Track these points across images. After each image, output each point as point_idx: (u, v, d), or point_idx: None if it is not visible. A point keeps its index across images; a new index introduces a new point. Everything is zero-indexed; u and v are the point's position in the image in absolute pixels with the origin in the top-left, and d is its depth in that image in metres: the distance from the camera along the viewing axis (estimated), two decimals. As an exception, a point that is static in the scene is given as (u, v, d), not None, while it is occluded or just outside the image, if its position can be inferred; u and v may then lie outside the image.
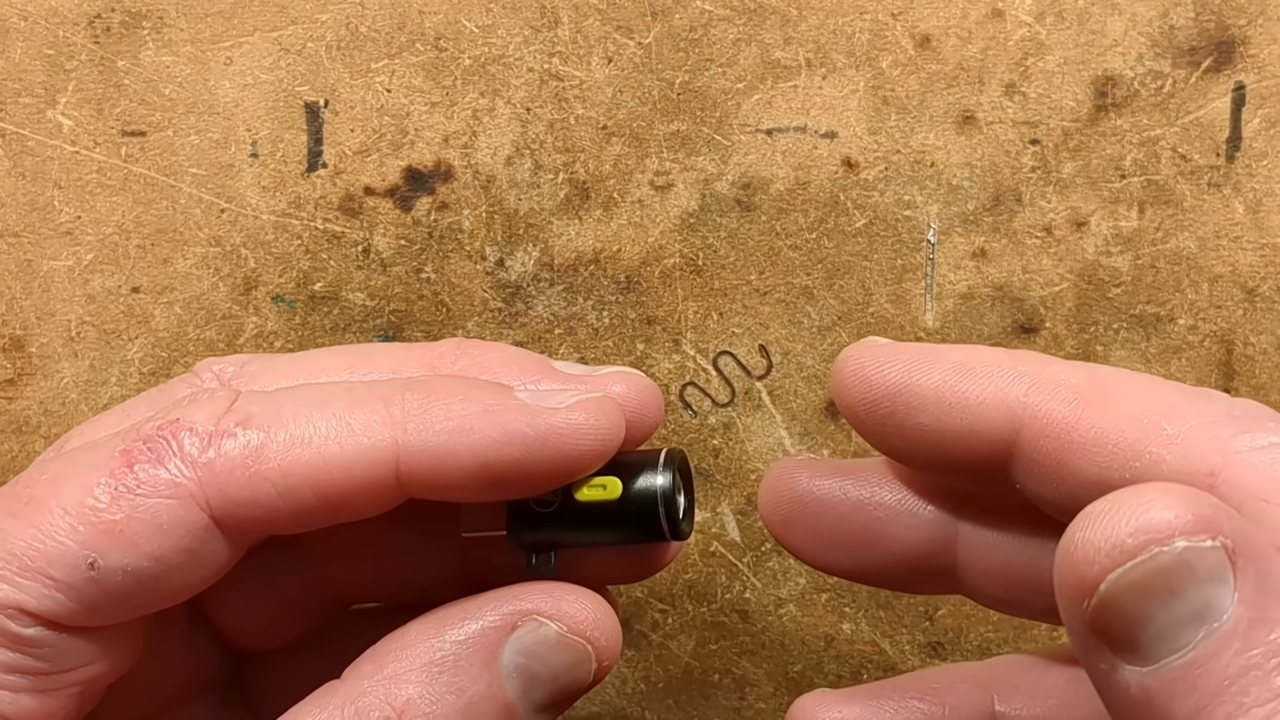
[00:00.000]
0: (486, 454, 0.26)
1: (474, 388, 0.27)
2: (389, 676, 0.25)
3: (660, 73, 0.36)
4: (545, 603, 0.26)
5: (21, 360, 0.36)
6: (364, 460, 0.26)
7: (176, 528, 0.25)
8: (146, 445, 0.26)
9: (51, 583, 0.25)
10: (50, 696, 0.26)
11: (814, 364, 0.36)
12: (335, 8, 0.36)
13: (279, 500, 0.25)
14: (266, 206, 0.36)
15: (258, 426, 0.26)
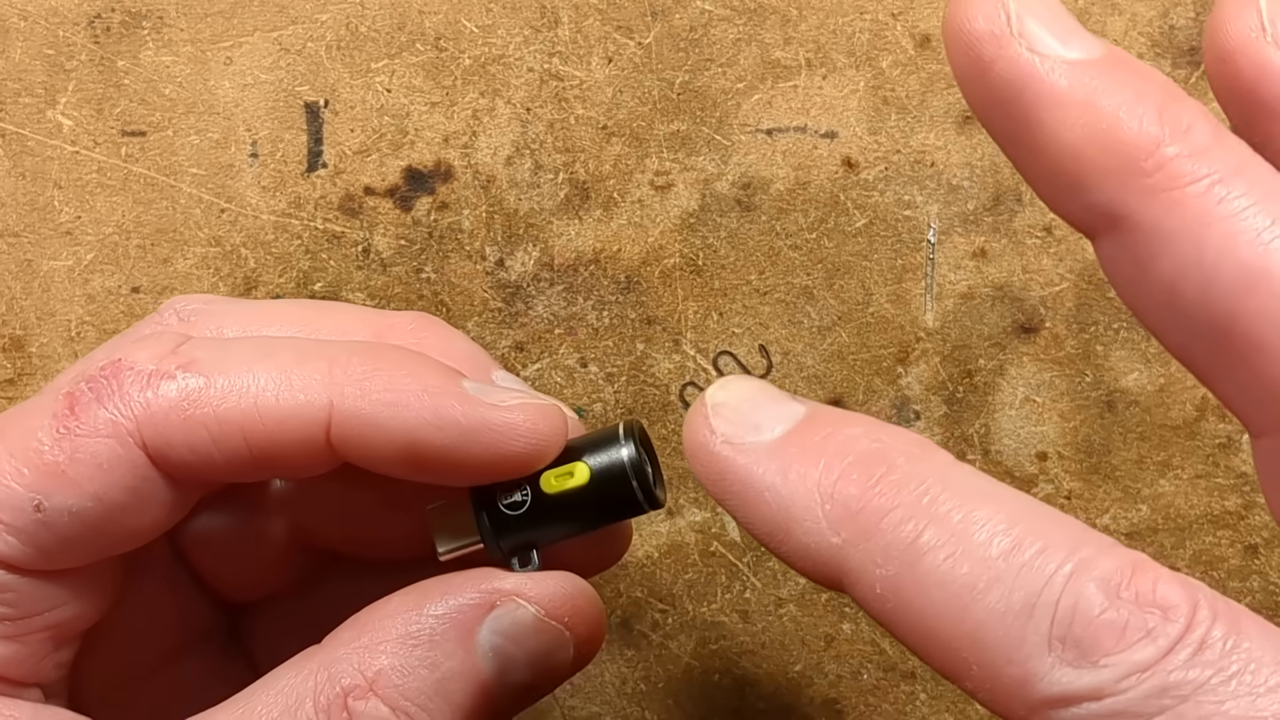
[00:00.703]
0: (416, 433, 0.26)
1: (422, 366, 0.26)
2: (365, 645, 0.25)
3: (660, 73, 0.36)
4: (524, 584, 0.26)
5: (21, 360, 0.36)
6: (297, 416, 0.26)
7: (116, 467, 0.25)
8: (89, 386, 0.26)
9: (2, 526, 0.25)
10: (19, 642, 0.26)
11: (814, 364, 0.36)
12: (335, 8, 0.36)
13: (212, 446, 0.26)
14: (266, 206, 0.36)
15: (198, 371, 0.26)
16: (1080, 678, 0.20)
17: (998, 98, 0.22)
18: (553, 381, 0.36)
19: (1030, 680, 0.20)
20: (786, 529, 0.22)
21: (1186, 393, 0.35)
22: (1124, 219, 0.22)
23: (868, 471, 0.22)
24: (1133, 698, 0.19)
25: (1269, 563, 0.36)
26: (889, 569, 0.21)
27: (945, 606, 0.21)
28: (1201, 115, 0.22)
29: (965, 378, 0.36)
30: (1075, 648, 0.20)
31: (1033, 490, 0.36)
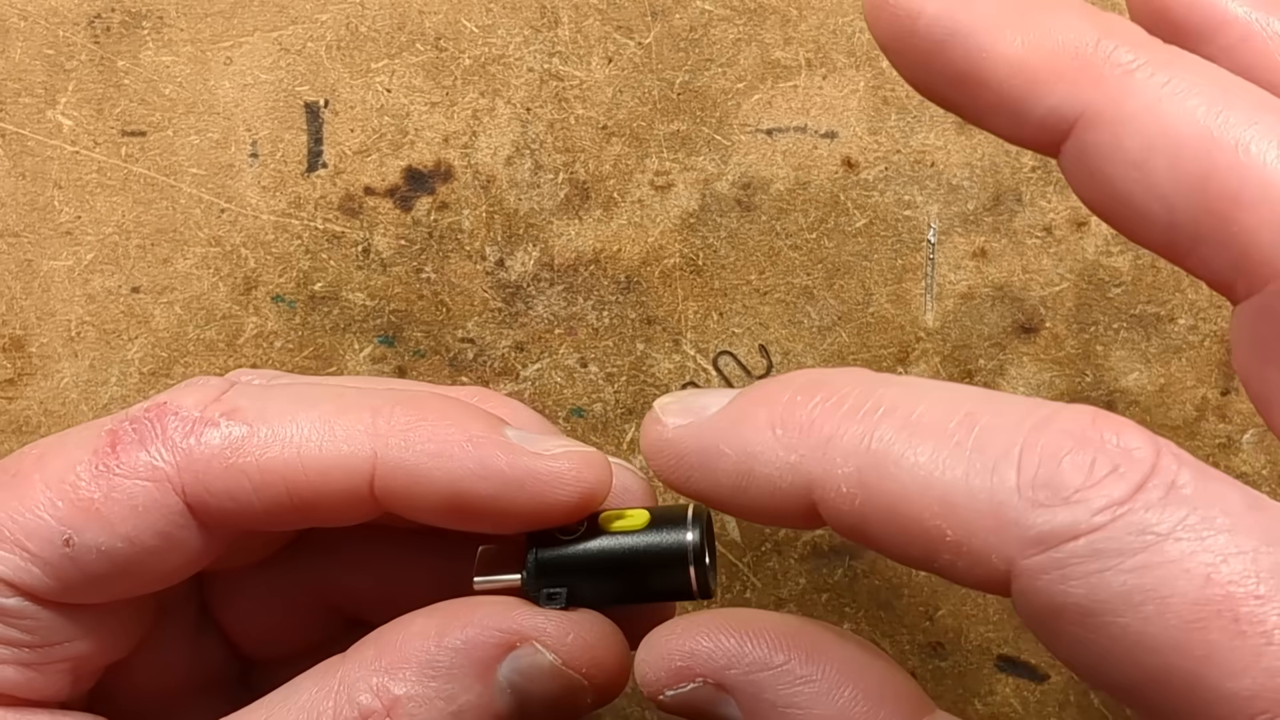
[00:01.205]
0: (461, 484, 0.25)
1: (464, 415, 0.26)
2: (385, 667, 0.25)
3: (660, 73, 0.36)
4: (545, 629, 0.26)
5: (21, 360, 0.36)
6: (340, 467, 0.25)
7: (151, 511, 0.25)
8: (132, 426, 0.26)
9: (28, 556, 0.25)
10: (37, 671, 0.26)
11: (814, 364, 0.36)
12: (335, 8, 0.36)
13: (253, 495, 0.25)
14: (266, 206, 0.36)
15: (242, 419, 0.26)
16: (1055, 516, 0.20)
17: (934, 44, 0.23)
18: (553, 381, 0.36)
19: (1005, 529, 0.20)
20: (749, 473, 0.23)
21: (1186, 393, 0.35)
22: (1083, 114, 0.23)
23: (812, 393, 0.23)
24: (1111, 534, 0.19)
25: (1269, 563, 0.36)
26: (849, 466, 0.21)
27: (911, 481, 0.21)
28: (1125, 20, 0.23)
29: (965, 378, 0.36)
30: (1045, 488, 0.20)
31: (1033, 490, 0.36)
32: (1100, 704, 0.36)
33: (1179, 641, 0.19)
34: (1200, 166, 0.22)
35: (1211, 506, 0.20)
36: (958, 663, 0.36)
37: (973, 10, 0.23)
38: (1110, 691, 0.21)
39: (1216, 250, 0.22)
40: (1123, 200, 0.23)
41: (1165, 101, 0.22)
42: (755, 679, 0.23)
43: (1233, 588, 0.19)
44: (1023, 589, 0.20)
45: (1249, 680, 0.19)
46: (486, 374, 0.36)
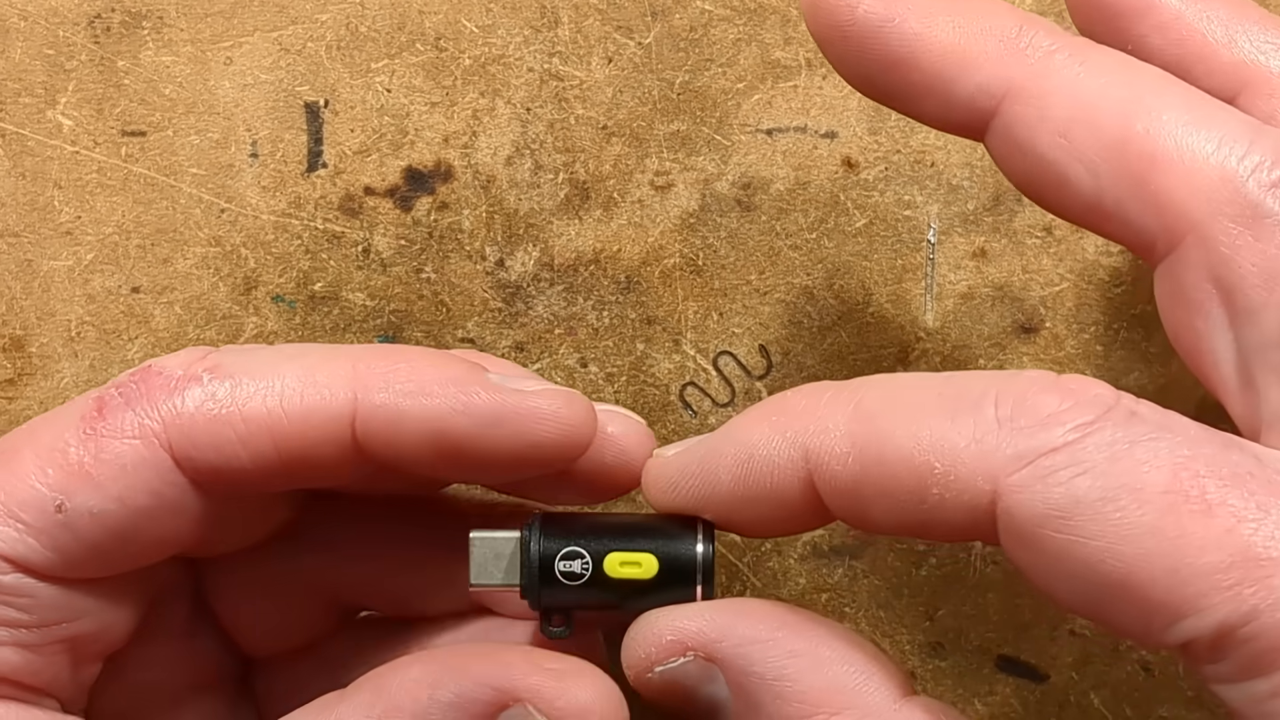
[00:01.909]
0: (441, 422, 0.26)
1: (445, 360, 0.27)
2: (378, 716, 0.25)
3: (660, 73, 0.36)
4: (541, 688, 0.25)
5: (21, 360, 0.36)
6: (321, 411, 0.26)
7: (140, 468, 0.25)
8: (118, 391, 0.26)
9: (23, 527, 0.25)
10: (34, 652, 0.26)
11: (814, 364, 0.36)
12: (335, 8, 0.36)
13: (239, 446, 0.26)
14: (266, 206, 0.36)
15: (225, 374, 0.26)
16: (1033, 436, 0.22)
17: (870, 31, 0.26)
18: (552, 382, 0.36)
19: (988, 454, 0.22)
20: (749, 460, 0.25)
21: (1186, 392, 0.35)
22: (1008, 91, 0.25)
23: (800, 391, 0.25)
24: (1085, 445, 0.22)
25: (1269, 563, 0.36)
26: (841, 429, 0.24)
27: (900, 428, 0.23)
28: (1041, 17, 0.26)
29: (965, 378, 0.36)
30: (1022, 417, 0.22)
31: (1033, 490, 0.36)
32: (1100, 704, 0.36)
33: (1153, 526, 0.21)
34: (1119, 132, 0.24)
35: (1171, 425, 0.22)
36: (958, 663, 0.36)
37: (905, 1, 0.26)
38: (1089, 607, 0.22)
39: (1137, 210, 0.24)
40: (1049, 169, 0.25)
41: (1083, 78, 0.25)
42: (746, 651, 0.24)
43: (1199, 477, 0.21)
44: (1007, 506, 0.22)
45: (1223, 554, 0.21)
46: (486, 374, 0.36)
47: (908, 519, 0.23)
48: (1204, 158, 0.23)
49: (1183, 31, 0.26)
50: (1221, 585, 0.20)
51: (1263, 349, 0.23)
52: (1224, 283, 0.23)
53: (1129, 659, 0.36)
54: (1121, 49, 0.26)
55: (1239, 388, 0.24)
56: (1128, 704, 0.36)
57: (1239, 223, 0.23)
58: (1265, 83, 0.26)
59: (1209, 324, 0.24)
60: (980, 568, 0.36)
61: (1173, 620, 0.21)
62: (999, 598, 0.36)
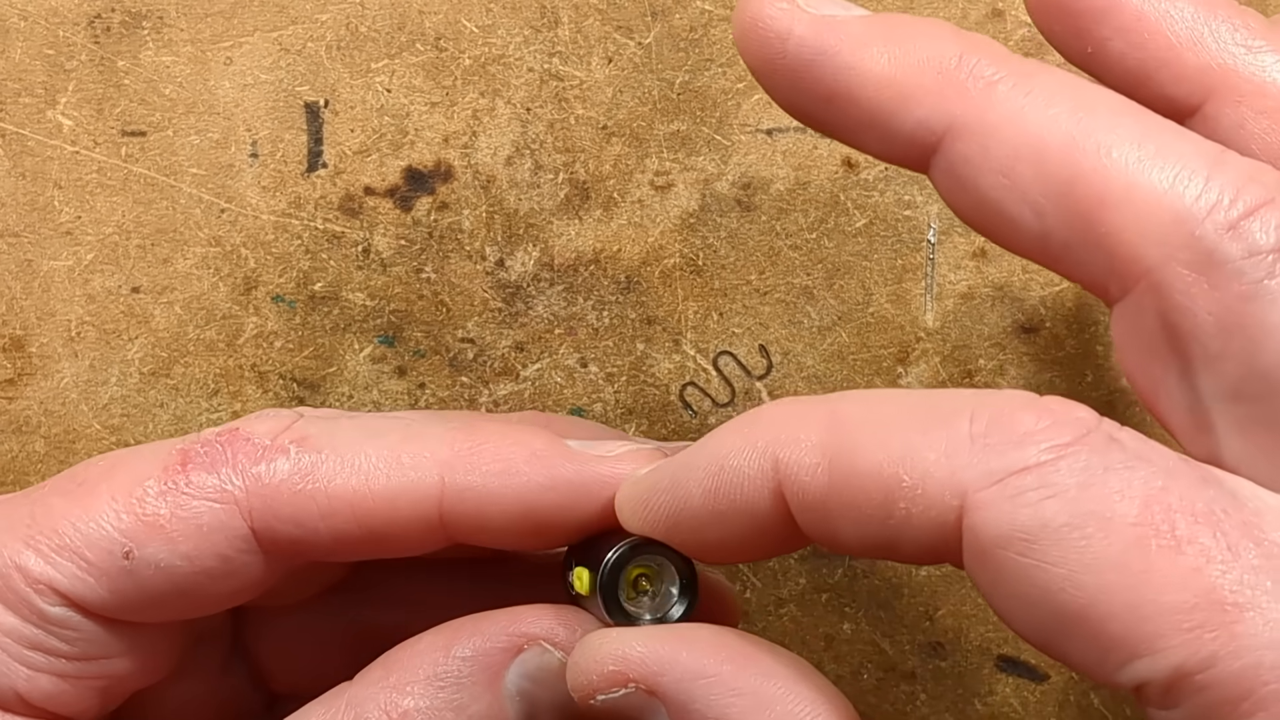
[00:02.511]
0: (529, 499, 0.26)
1: (524, 434, 0.27)
2: (393, 685, 0.25)
3: (660, 73, 0.36)
4: (552, 627, 0.26)
5: (21, 360, 0.36)
6: (409, 494, 0.26)
7: (215, 532, 0.25)
8: (203, 449, 0.26)
9: (86, 565, 0.25)
10: (69, 684, 0.26)
11: (814, 364, 0.36)
12: (335, 8, 0.36)
13: (320, 522, 0.26)
14: (266, 206, 0.36)
15: (312, 448, 0.26)
16: (1005, 455, 0.21)
17: (803, 63, 0.25)
18: (553, 381, 0.36)
19: (958, 470, 0.21)
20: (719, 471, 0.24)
21: (1186, 393, 0.36)
22: (950, 126, 0.23)
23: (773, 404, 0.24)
24: (1057, 469, 0.21)
25: (1269, 563, 0.36)
26: (813, 438, 0.23)
27: (872, 439, 0.22)
28: (987, 38, 0.24)
29: (966, 378, 0.36)
30: (997, 434, 0.21)
31: (1033, 490, 0.36)
32: (1100, 704, 0.36)
33: (1119, 559, 0.20)
34: (1065, 171, 0.22)
35: (1149, 455, 0.21)
36: (958, 663, 0.36)
37: (839, 30, 0.24)
38: (1045, 636, 0.21)
39: (1087, 253, 0.23)
40: (993, 208, 0.23)
41: (1028, 110, 0.23)
42: (688, 687, 0.23)
43: (1171, 511, 0.20)
44: (972, 524, 0.21)
45: (1187, 594, 0.20)
46: (486, 374, 0.36)
47: (874, 536, 0.22)
48: (1157, 197, 0.22)
49: (1145, 34, 0.25)
50: (1182, 627, 0.20)
51: (1220, 399, 0.22)
52: (1179, 331, 0.22)
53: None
54: (1082, 52, 0.25)
55: (1197, 434, 0.23)
56: (1128, 704, 0.36)
57: (1194, 269, 0.22)
58: (1233, 89, 0.24)
59: (1164, 370, 0.23)
60: (980, 568, 0.36)
61: (1128, 659, 0.20)
62: (999, 598, 0.36)
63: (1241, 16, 0.25)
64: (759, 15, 0.25)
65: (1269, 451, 0.22)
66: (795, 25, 0.25)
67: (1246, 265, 0.21)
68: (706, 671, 0.23)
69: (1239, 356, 0.22)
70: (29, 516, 0.26)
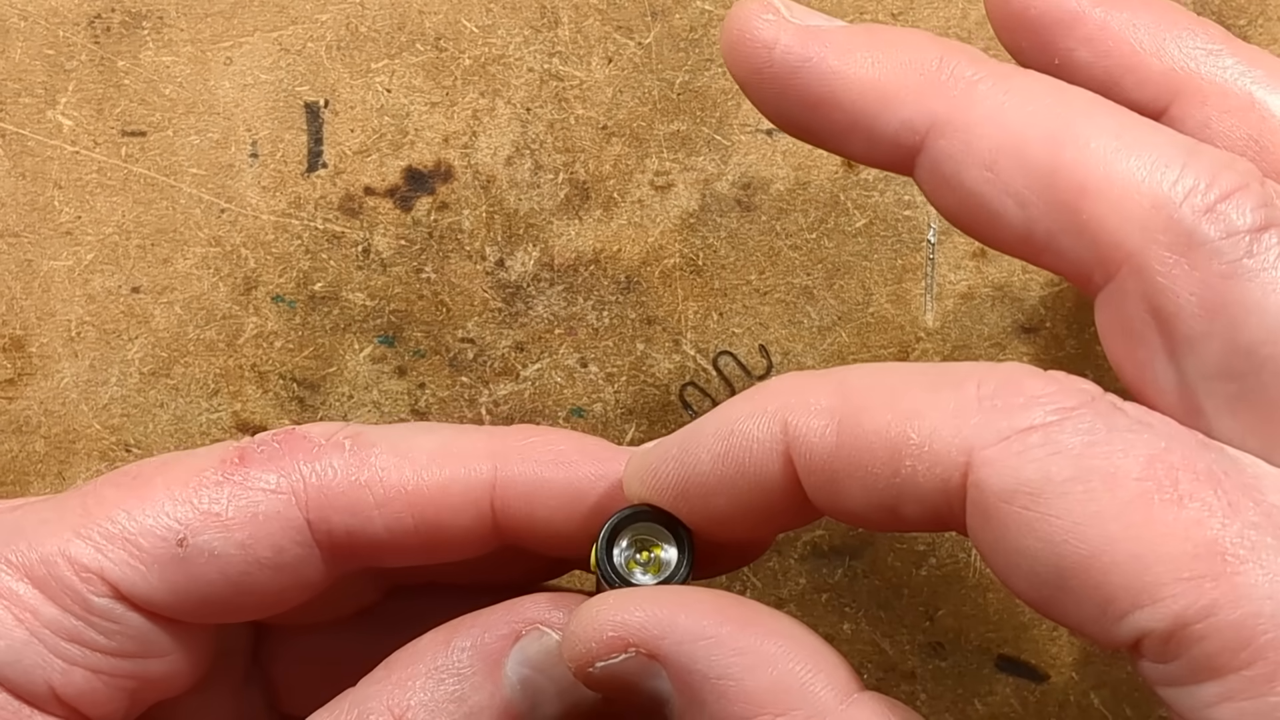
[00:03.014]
0: (582, 487, 0.26)
1: (574, 434, 0.27)
2: (395, 682, 0.25)
3: (660, 73, 0.36)
4: (549, 612, 0.26)
5: (21, 360, 0.36)
6: (461, 481, 0.26)
7: (271, 520, 0.26)
8: (260, 448, 0.26)
9: (139, 554, 0.25)
10: (102, 682, 0.26)
11: (814, 364, 0.36)
12: (335, 8, 0.36)
13: (375, 511, 0.26)
14: (266, 206, 0.36)
15: (366, 443, 0.26)
16: (1012, 415, 0.22)
17: (789, 70, 0.25)
18: (553, 381, 0.36)
19: (965, 428, 0.22)
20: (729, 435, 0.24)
21: (1186, 393, 0.36)
22: (932, 125, 0.24)
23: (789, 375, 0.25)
24: (1063, 428, 0.21)
25: (1269, 563, 0.36)
26: (823, 402, 0.23)
27: (880, 399, 0.23)
28: (963, 44, 0.25)
29: (965, 378, 0.36)
30: (1005, 396, 0.22)
31: (1033, 490, 0.36)
32: (1100, 704, 0.36)
33: (1122, 511, 0.21)
34: (1047, 161, 0.23)
35: (1152, 421, 0.22)
36: (958, 663, 0.36)
37: (823, 38, 0.25)
38: (1046, 593, 0.22)
39: (1070, 241, 0.23)
40: (978, 203, 0.24)
41: (1008, 107, 0.24)
42: (689, 649, 0.23)
43: (1173, 469, 0.21)
44: (978, 479, 0.21)
45: (1188, 545, 0.20)
46: (486, 374, 0.36)
47: (880, 497, 0.23)
48: (1136, 184, 0.23)
49: (1109, 43, 0.25)
50: (1182, 575, 0.20)
51: (1206, 379, 0.23)
52: (1162, 313, 0.23)
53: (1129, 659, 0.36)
54: (1049, 64, 0.26)
55: (1187, 417, 0.23)
56: (1128, 704, 0.36)
57: (1174, 250, 0.22)
58: (1197, 91, 0.25)
59: (1150, 354, 0.23)
60: (980, 568, 0.36)
61: (1129, 609, 0.21)
62: (999, 598, 0.36)
63: (1201, 25, 0.26)
64: (746, 26, 0.25)
65: (1258, 427, 0.22)
66: (781, 35, 0.25)
67: (1225, 245, 0.22)
68: (707, 633, 0.23)
69: (1222, 334, 0.22)
70: (81, 508, 0.26)
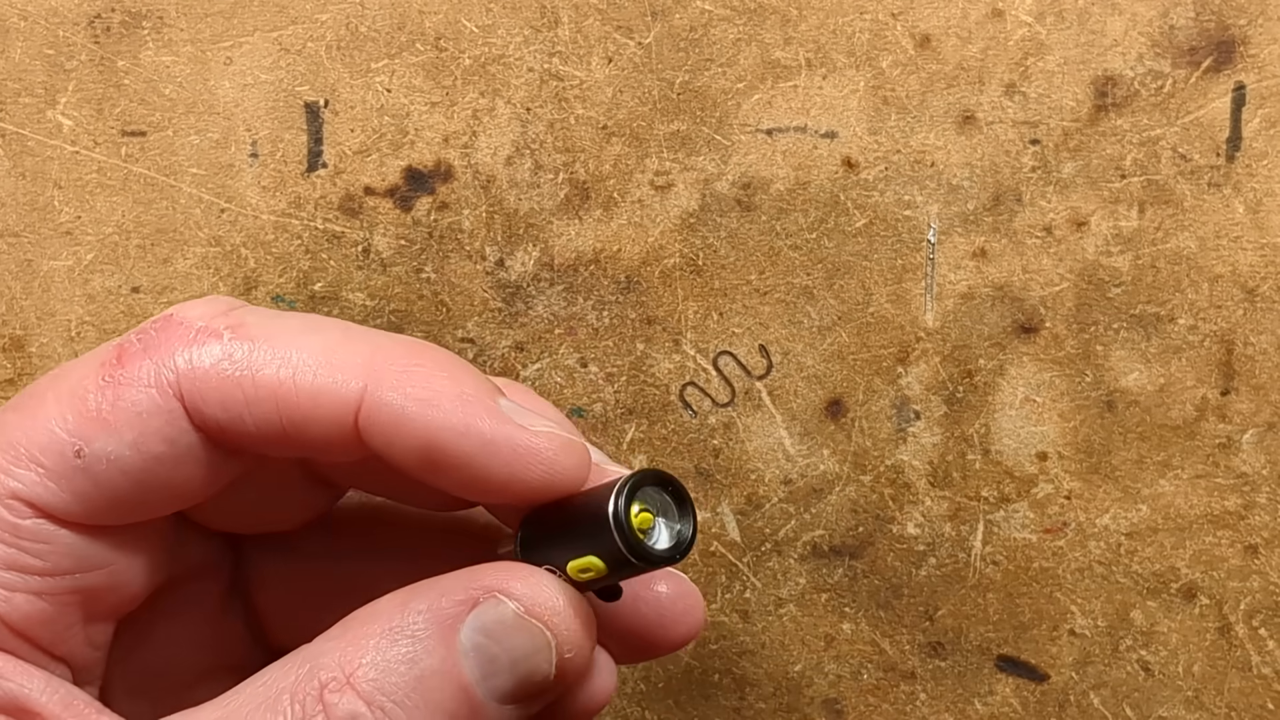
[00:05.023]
0: (440, 436, 0.26)
1: (461, 371, 0.27)
2: (348, 641, 0.25)
3: (660, 73, 0.36)
4: (507, 581, 0.26)
5: (21, 360, 0.36)
6: (330, 394, 0.26)
7: (154, 416, 0.26)
8: (138, 338, 0.26)
9: (43, 471, 0.25)
10: (48, 602, 0.26)
11: (814, 364, 0.36)
12: (335, 8, 0.36)
13: (244, 408, 0.26)
14: (266, 206, 0.36)
15: (245, 335, 0.26)
16: None
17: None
18: (553, 381, 0.36)
19: None
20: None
21: (1186, 393, 0.36)
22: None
23: None
24: None
25: (1269, 563, 0.36)
26: None
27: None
28: None
29: (965, 378, 0.36)
30: None
31: (1033, 490, 0.36)
32: (1100, 704, 0.36)
33: None
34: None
35: None
36: (958, 663, 0.36)
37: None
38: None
39: None
40: None
41: None
42: None
43: None
44: None
45: None
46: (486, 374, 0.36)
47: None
48: None
49: None
50: None
51: None
52: None
53: (1129, 659, 0.36)
54: None
55: None
56: (1128, 704, 0.36)
57: None
58: None
59: None
60: (980, 568, 0.36)
61: None
62: (999, 598, 0.36)
63: None
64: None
65: None
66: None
67: None
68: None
69: None
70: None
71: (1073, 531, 0.36)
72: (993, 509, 0.36)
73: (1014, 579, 0.36)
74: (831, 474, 0.36)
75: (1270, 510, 0.36)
